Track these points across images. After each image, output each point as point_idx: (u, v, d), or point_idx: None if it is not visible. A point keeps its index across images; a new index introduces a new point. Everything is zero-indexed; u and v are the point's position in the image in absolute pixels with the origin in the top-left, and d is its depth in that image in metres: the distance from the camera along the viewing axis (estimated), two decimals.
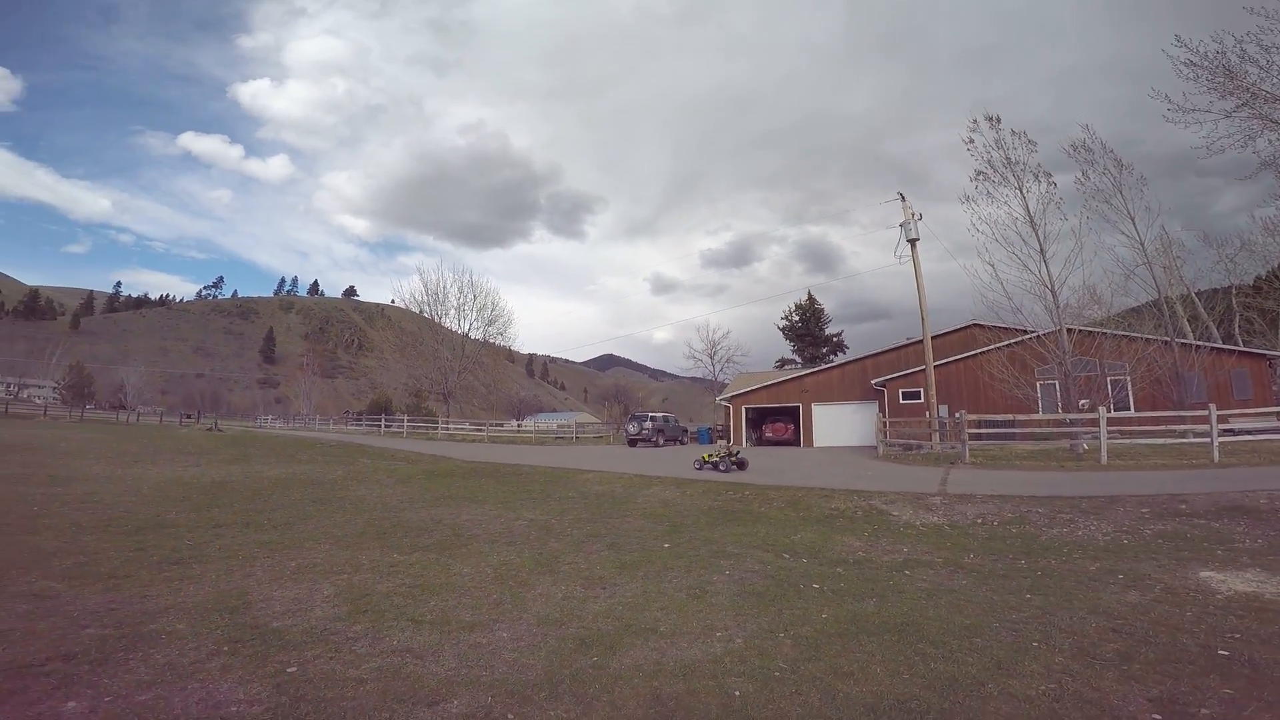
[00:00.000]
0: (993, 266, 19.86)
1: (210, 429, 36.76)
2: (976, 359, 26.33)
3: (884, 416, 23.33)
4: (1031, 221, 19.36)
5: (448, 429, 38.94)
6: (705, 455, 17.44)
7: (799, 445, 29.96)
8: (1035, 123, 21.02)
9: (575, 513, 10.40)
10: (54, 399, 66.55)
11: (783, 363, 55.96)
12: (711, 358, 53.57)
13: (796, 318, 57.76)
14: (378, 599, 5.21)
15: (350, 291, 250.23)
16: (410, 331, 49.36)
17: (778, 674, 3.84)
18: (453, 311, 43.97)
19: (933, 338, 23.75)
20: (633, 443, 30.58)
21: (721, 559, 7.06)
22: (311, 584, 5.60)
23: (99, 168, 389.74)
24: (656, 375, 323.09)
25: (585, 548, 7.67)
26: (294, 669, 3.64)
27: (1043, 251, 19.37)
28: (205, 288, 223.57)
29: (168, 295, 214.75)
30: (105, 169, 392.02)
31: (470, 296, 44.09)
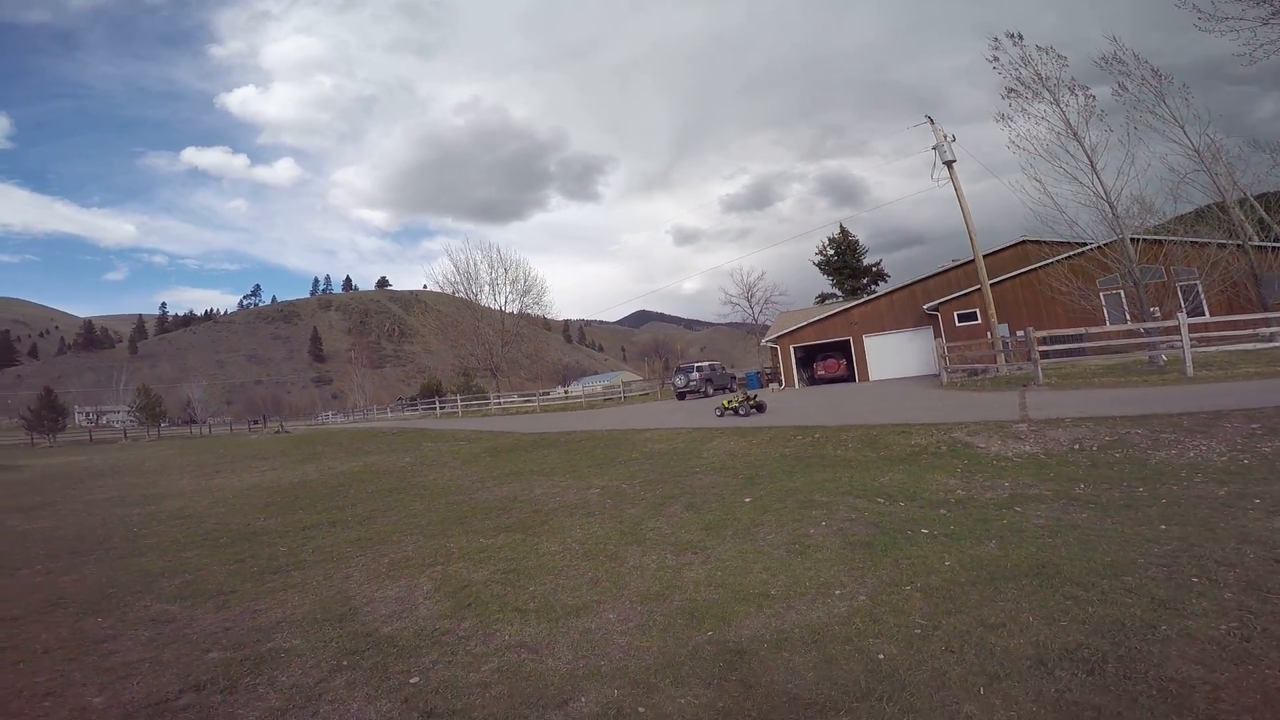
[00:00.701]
0: (1040, 182, 18.95)
1: (278, 431, 38.31)
2: (1034, 274, 25.10)
3: (943, 341, 22.43)
4: (1075, 135, 18.37)
5: (500, 403, 39.57)
6: (725, 402, 18.22)
7: (854, 380, 29.33)
8: (1043, 40, 19.44)
9: (644, 475, 10.30)
10: (130, 421, 70.49)
11: (823, 298, 54.53)
12: (749, 300, 52.82)
13: (831, 251, 55.98)
14: (477, 589, 5.18)
15: (383, 282, 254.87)
16: (448, 314, 49.89)
17: (918, 631, 3.63)
18: (486, 288, 44.18)
19: (984, 256, 22.66)
20: (681, 396, 30.44)
21: (811, 509, 6.83)
22: (409, 580, 5.62)
23: (114, 194, 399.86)
24: (692, 325, 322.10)
25: (664, 511, 7.54)
26: (416, 679, 3.58)
27: (1092, 164, 18.25)
28: (245, 297, 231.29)
29: (213, 309, 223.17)
30: (120, 194, 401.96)
31: (501, 270, 44.16)
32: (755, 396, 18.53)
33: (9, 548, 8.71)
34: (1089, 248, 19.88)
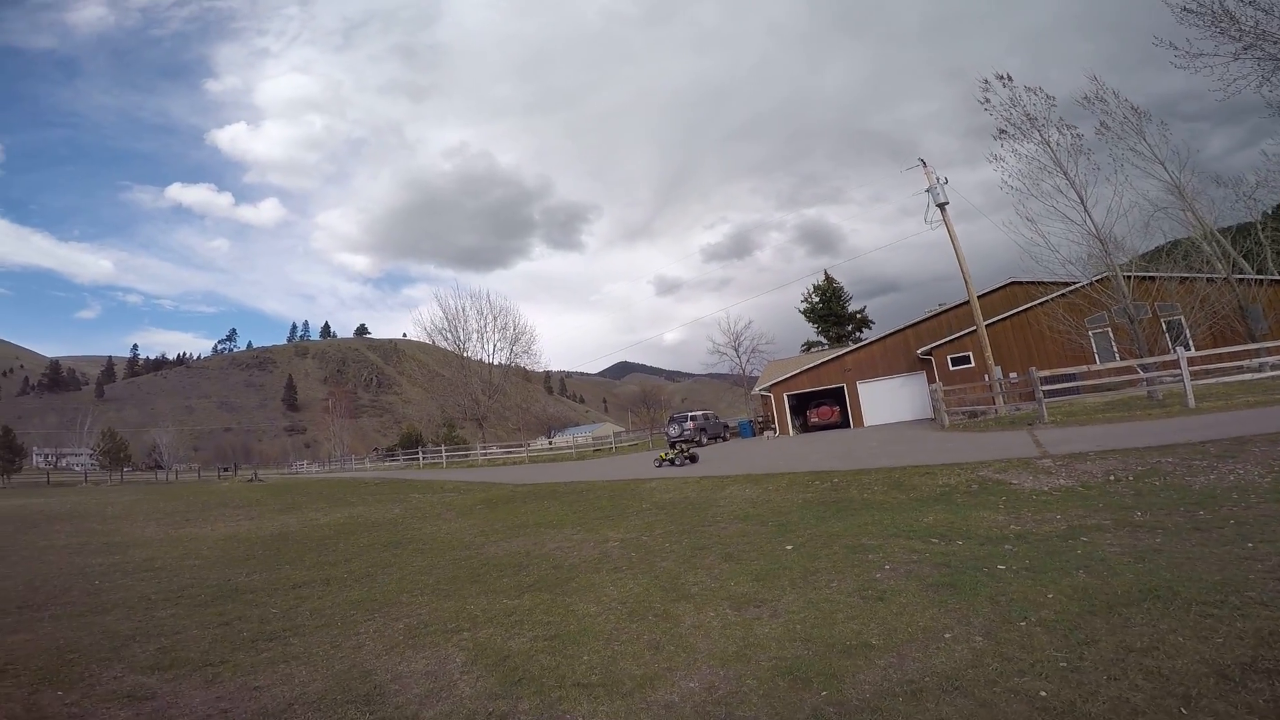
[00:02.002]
0: (1032, 221, 19.44)
1: (251, 480, 36.58)
2: (1024, 315, 25.47)
3: (939, 385, 22.33)
4: (1065, 173, 18.98)
5: (486, 454, 38.43)
6: (662, 455, 19.54)
7: (849, 426, 29.00)
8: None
9: (662, 526, 9.65)
10: (92, 465, 67.33)
11: (809, 345, 54.91)
12: (736, 349, 52.71)
13: (817, 299, 56.74)
14: (521, 661, 4.46)
15: (362, 330, 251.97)
16: (431, 363, 48.99)
17: (1064, 664, 3.43)
18: (474, 335, 43.52)
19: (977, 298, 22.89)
20: (674, 445, 29.75)
21: (864, 554, 6.35)
22: (435, 650, 4.85)
23: (95, 228, 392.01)
24: (673, 376, 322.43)
25: (700, 563, 6.92)
26: None
27: (1083, 201, 18.78)
28: (220, 342, 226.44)
29: (185, 354, 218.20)
30: (101, 229, 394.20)
31: (490, 318, 43.64)
32: (689, 449, 20.04)
33: None
34: (1081, 285, 20.24)
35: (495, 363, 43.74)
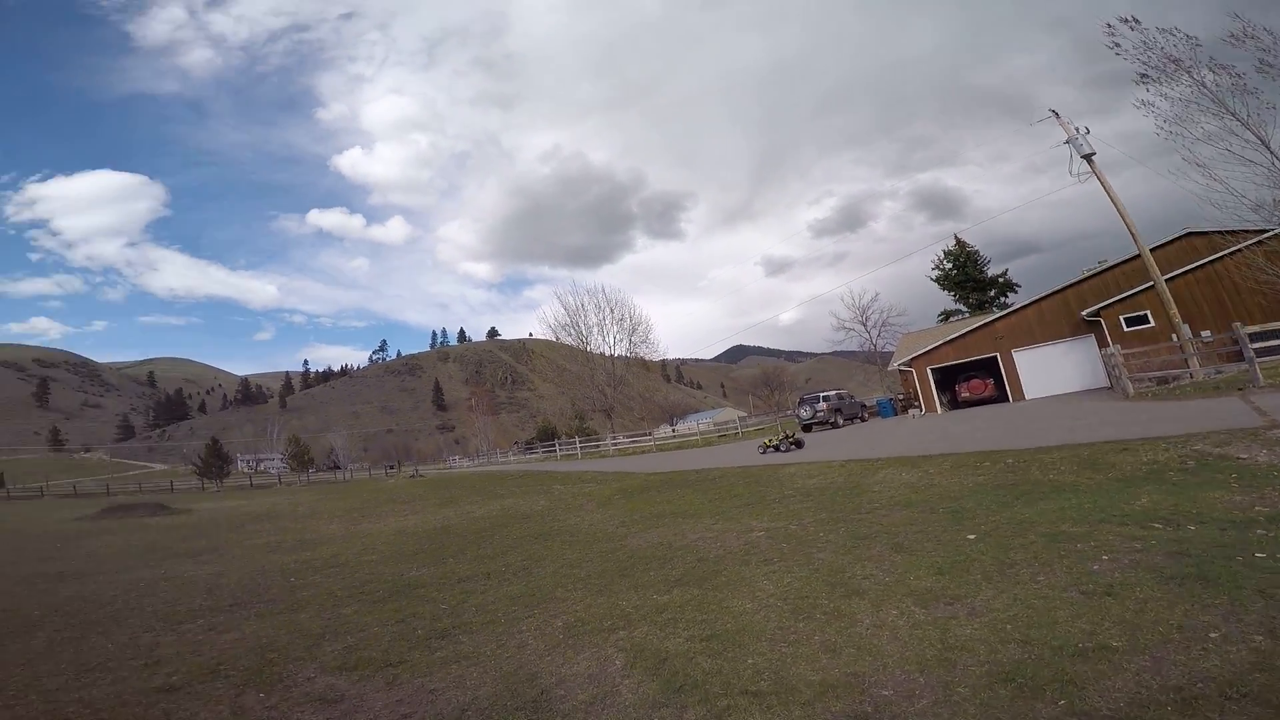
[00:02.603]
0: (1203, 166, 16.43)
1: (412, 476, 40.19)
2: (1213, 267, 21.68)
3: (1118, 349, 19.42)
4: (1233, 114, 15.81)
5: (616, 444, 39.32)
6: (766, 441, 20.14)
7: (1007, 400, 26.22)
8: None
9: (810, 514, 9.08)
10: (283, 468, 77.71)
11: (947, 315, 50.48)
12: (864, 324, 49.63)
13: (949, 265, 52.08)
14: (680, 664, 4.21)
15: (493, 332, 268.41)
16: (558, 359, 50.93)
17: None
18: (595, 329, 44.63)
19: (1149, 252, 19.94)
20: (807, 428, 28.51)
21: (1070, 543, 5.48)
22: (595, 650, 4.75)
23: (256, 256, 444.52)
24: (792, 357, 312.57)
25: (865, 554, 6.32)
26: None
27: (1265, 142, 15.53)
28: (374, 352, 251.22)
29: (346, 365, 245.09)
30: (261, 256, 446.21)
31: (608, 310, 44.53)
32: (795, 435, 20.28)
33: (176, 595, 8.76)
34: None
35: (616, 354, 44.63)
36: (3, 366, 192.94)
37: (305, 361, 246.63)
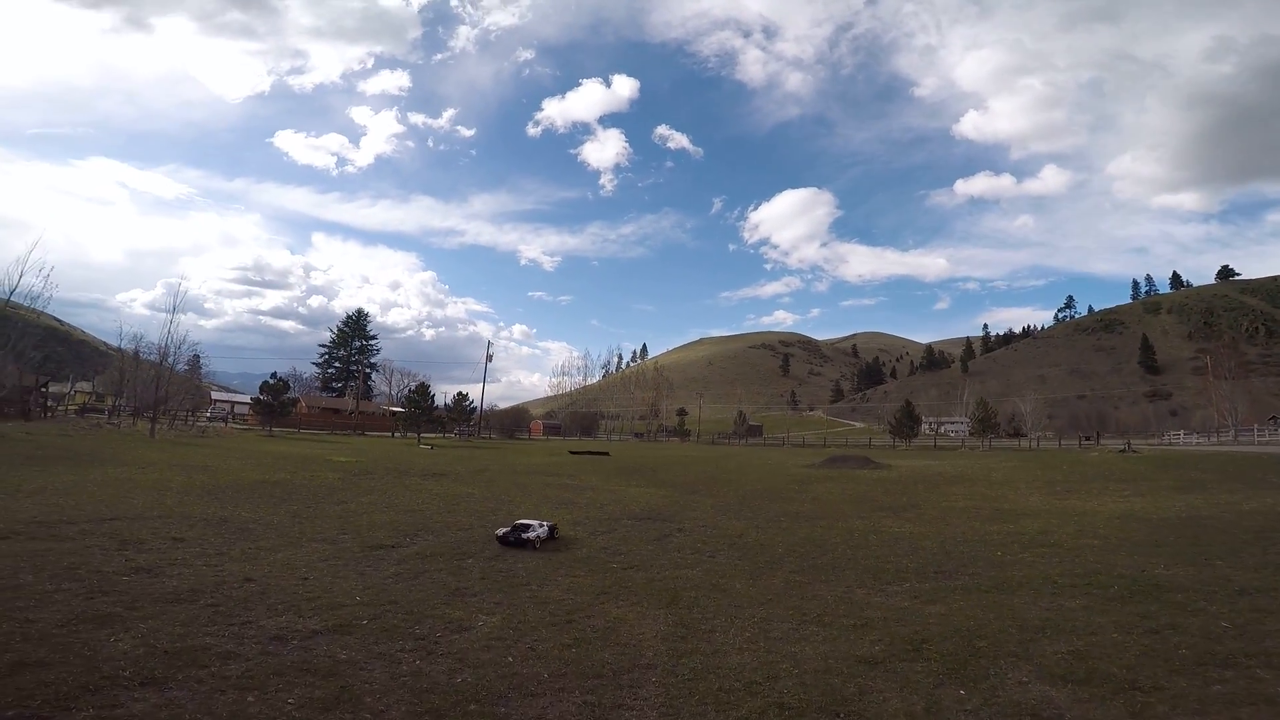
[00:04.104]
0: None
1: (1123, 450, 33.56)
2: None
3: None
4: None
5: None
6: None
7: None
8: None
9: None
10: (964, 431, 79.19)
11: None
12: None
13: None
14: None
15: (1226, 272, 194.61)
16: None
17: None
18: None
19: None
20: None
21: None
22: None
23: (920, 235, 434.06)
24: None
25: None
26: None
27: None
28: (1059, 310, 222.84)
29: (1029, 326, 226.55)
30: (924, 234, 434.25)
31: None
32: None
33: (884, 552, 8.79)
34: None
35: None
36: (763, 348, 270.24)
37: (985, 326, 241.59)
